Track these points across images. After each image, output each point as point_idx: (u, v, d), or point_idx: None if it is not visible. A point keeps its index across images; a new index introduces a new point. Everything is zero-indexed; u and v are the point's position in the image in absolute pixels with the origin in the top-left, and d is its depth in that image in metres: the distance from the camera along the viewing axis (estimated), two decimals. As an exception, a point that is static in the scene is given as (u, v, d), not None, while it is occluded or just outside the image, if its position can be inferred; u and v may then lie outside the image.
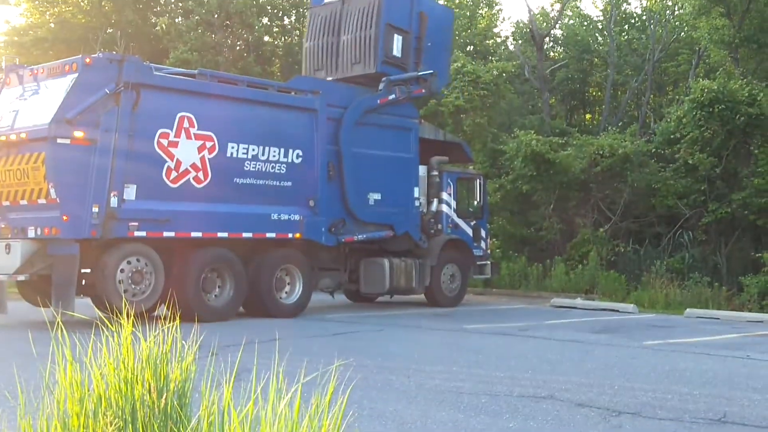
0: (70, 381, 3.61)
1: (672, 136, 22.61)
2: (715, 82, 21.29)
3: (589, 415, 6.59)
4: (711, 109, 20.81)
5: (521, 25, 34.46)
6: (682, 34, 29.18)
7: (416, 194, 16.68)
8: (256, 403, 3.41)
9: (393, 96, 15.88)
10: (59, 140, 11.68)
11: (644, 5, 33.53)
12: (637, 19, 33.47)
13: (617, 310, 17.16)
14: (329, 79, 15.99)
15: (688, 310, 16.95)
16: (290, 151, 14.41)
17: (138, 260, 12.35)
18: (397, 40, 16.03)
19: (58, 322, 3.89)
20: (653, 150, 23.62)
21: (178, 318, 4.02)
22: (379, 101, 15.69)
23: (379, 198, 15.89)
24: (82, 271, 11.96)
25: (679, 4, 29.31)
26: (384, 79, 15.79)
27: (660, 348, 11.02)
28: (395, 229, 16.10)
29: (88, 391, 3.63)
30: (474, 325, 13.68)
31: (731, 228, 21.82)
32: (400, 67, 16.16)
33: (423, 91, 16.50)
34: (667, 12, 30.58)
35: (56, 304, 11.32)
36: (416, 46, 16.40)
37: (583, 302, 18.20)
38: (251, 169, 13.87)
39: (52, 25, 28.94)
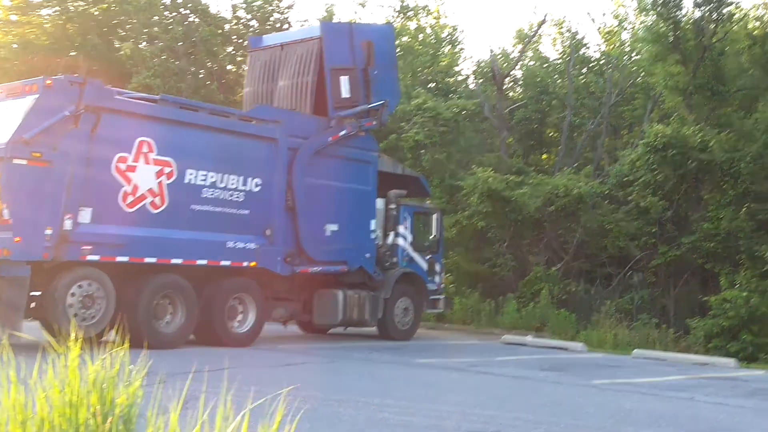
0: (13, 403, 3.56)
1: (625, 179, 23.07)
2: (669, 128, 21.83)
3: (534, 451, 6.67)
4: (664, 154, 21.31)
5: (482, 64, 34.99)
6: (639, 79, 29.85)
7: (373, 227, 16.75)
8: (202, 430, 3.42)
9: (344, 132, 15.90)
10: (15, 161, 11.55)
11: (602, 50, 34.33)
12: (595, 63, 34.20)
13: (566, 349, 17.34)
14: None
15: (635, 350, 17.18)
16: (249, 179, 14.42)
17: (90, 284, 12.18)
18: (344, 82, 16.08)
19: (3, 344, 3.86)
20: (607, 192, 24.05)
21: (126, 343, 4.01)
22: (330, 139, 15.73)
23: (336, 229, 15.92)
24: (32, 293, 11.80)
25: (636, 50, 30.03)
26: (334, 115, 15.88)
27: (607, 387, 11.17)
28: (349, 264, 16.13)
29: (32, 414, 3.59)
30: (425, 359, 13.72)
31: (680, 271, 22.25)
32: (352, 106, 16.19)
33: (374, 123, 16.54)
34: (625, 57, 31.32)
35: (3, 325, 11.12)
36: (364, 78, 16.43)
37: (534, 340, 18.36)
38: (209, 196, 13.83)
39: (15, 45, 28.66)
